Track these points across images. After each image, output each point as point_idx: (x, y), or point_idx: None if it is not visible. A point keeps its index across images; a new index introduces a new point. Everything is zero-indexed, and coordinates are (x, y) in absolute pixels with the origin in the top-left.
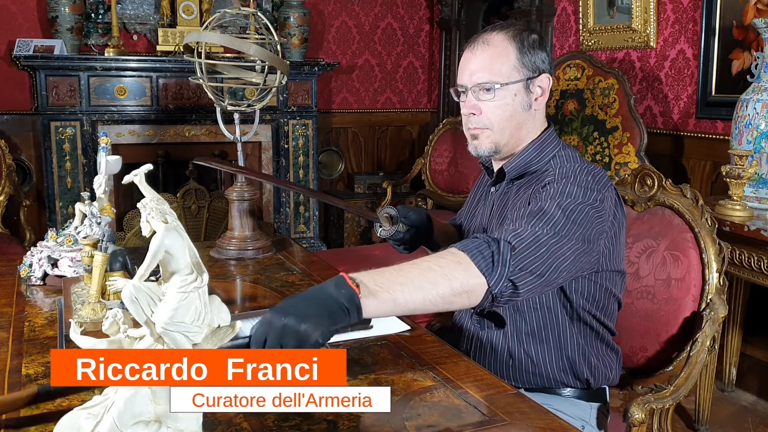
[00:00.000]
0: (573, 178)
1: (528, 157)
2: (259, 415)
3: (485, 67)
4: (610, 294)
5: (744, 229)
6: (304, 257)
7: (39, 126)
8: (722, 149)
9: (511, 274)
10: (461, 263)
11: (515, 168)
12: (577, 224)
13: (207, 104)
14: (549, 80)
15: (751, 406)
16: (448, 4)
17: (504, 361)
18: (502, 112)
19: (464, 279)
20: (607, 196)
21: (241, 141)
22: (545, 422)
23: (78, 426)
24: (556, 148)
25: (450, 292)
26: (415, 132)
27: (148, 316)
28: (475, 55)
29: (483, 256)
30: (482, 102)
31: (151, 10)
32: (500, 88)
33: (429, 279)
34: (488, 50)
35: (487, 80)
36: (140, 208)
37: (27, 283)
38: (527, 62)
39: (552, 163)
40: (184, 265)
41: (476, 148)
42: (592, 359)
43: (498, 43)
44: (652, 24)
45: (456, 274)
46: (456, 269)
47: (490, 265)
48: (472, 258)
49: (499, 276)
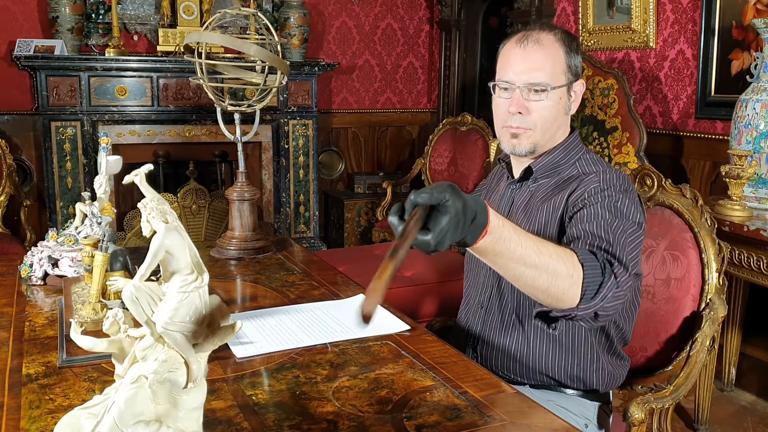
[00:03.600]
0: (618, 186)
1: (556, 158)
2: (259, 415)
3: (540, 67)
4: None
5: (743, 229)
6: (304, 257)
7: (39, 126)
8: (722, 149)
9: (601, 309)
10: (572, 277)
11: (543, 168)
12: (640, 242)
13: (207, 104)
14: (583, 85)
15: (750, 405)
16: (448, 5)
17: (510, 359)
18: (549, 114)
19: (563, 290)
20: (638, 202)
21: (242, 141)
22: (545, 422)
23: (78, 426)
24: (581, 152)
25: (544, 286)
26: (415, 132)
27: (149, 315)
28: (528, 53)
29: (593, 282)
30: (531, 102)
31: (151, 10)
32: (552, 91)
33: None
34: (541, 50)
35: (542, 81)
36: (140, 208)
37: (27, 283)
38: (572, 66)
39: (578, 164)
40: (184, 265)
41: (514, 147)
42: (604, 367)
43: (550, 44)
44: (652, 24)
45: (562, 283)
46: (565, 280)
47: (593, 293)
48: (584, 279)
49: (590, 306)
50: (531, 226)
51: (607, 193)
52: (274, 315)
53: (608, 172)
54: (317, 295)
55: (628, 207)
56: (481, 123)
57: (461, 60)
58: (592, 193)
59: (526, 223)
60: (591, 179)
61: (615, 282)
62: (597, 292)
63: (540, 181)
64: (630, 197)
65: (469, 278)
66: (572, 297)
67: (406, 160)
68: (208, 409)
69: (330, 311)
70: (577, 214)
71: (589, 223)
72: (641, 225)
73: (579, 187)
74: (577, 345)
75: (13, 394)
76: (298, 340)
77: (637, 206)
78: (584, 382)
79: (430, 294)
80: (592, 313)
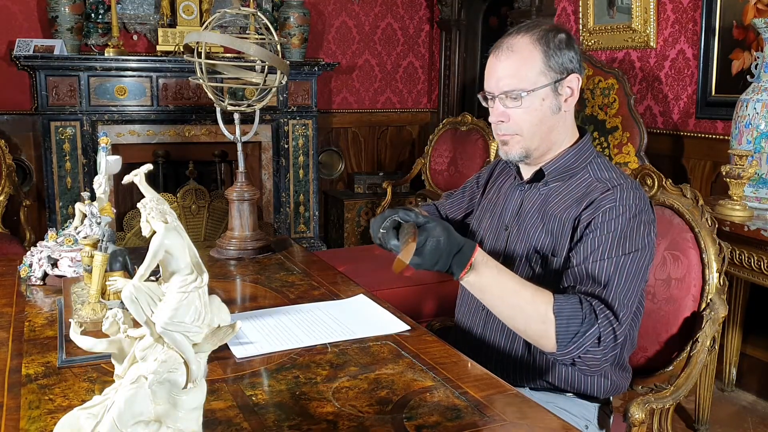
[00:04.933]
0: (635, 208)
1: (568, 161)
2: (259, 415)
3: (511, 74)
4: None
5: (744, 229)
6: (304, 257)
7: (39, 126)
8: (722, 149)
9: (577, 357)
10: (545, 323)
11: (556, 170)
12: (646, 268)
13: (207, 104)
14: (578, 80)
15: (750, 406)
16: (448, 4)
17: (510, 362)
18: (530, 117)
19: (539, 335)
20: (651, 212)
21: (241, 141)
22: (545, 422)
23: (78, 426)
24: (591, 156)
25: (523, 329)
26: (415, 132)
27: (148, 316)
28: (500, 62)
29: (568, 331)
30: (510, 109)
31: (151, 10)
32: (527, 95)
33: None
34: (513, 56)
35: (514, 88)
36: (140, 208)
37: (27, 283)
38: (554, 65)
39: (589, 168)
40: (184, 265)
41: (507, 154)
42: (607, 377)
43: (523, 47)
44: (652, 24)
45: (536, 327)
46: (539, 325)
47: (568, 340)
48: (557, 327)
49: (566, 353)
50: (545, 232)
51: (621, 220)
52: (274, 315)
53: (625, 189)
54: (317, 295)
55: (640, 233)
56: (481, 123)
57: (461, 60)
58: (606, 216)
59: (539, 226)
60: (608, 197)
61: (597, 331)
62: (571, 340)
63: (551, 185)
64: (644, 218)
65: None
66: (549, 342)
67: (406, 160)
68: (207, 410)
69: (330, 311)
70: (583, 240)
71: (591, 263)
72: (649, 246)
73: (594, 203)
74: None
75: (12, 395)
76: (298, 341)
77: (649, 227)
78: (584, 390)
79: (430, 294)
80: (570, 359)
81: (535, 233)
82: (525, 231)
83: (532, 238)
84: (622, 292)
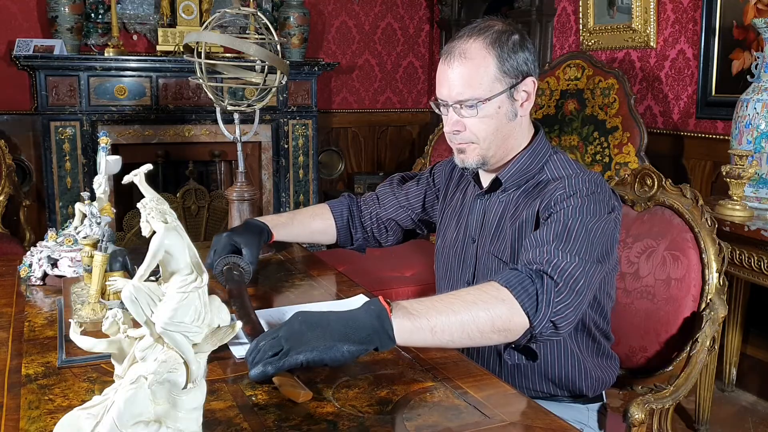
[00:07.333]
0: (585, 190)
1: (522, 165)
2: (259, 416)
3: (464, 83)
4: (604, 292)
5: (744, 229)
6: (304, 257)
7: (39, 126)
8: (722, 149)
9: (553, 315)
10: (505, 301)
11: (512, 177)
12: (601, 245)
13: (207, 104)
14: (534, 83)
15: (751, 406)
16: (448, 4)
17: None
18: (486, 126)
19: (507, 317)
20: (613, 199)
21: (241, 141)
22: (545, 422)
23: (78, 426)
24: (548, 154)
25: (490, 328)
26: (415, 132)
27: (148, 316)
28: (453, 69)
29: (528, 293)
30: (465, 119)
31: (150, 10)
32: (483, 104)
33: (470, 312)
34: (466, 63)
35: (468, 97)
36: (140, 208)
37: (27, 283)
38: (509, 69)
39: (546, 169)
40: (184, 265)
41: (463, 161)
42: (591, 373)
43: (476, 53)
44: (652, 24)
45: (499, 311)
46: (499, 307)
47: (534, 304)
48: (516, 296)
49: (542, 316)
50: (511, 240)
51: (572, 200)
52: (274, 315)
53: (577, 176)
54: (317, 295)
55: (593, 210)
56: None
57: None
58: (558, 200)
59: (506, 235)
60: (557, 186)
61: (553, 283)
62: (537, 301)
63: (510, 191)
64: (597, 198)
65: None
66: (521, 319)
67: (406, 160)
68: (207, 410)
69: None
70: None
71: (533, 249)
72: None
73: (546, 196)
74: (556, 356)
75: (12, 395)
76: None
77: (605, 204)
78: (570, 390)
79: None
80: (550, 323)
81: (501, 244)
82: (492, 242)
83: (500, 248)
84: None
